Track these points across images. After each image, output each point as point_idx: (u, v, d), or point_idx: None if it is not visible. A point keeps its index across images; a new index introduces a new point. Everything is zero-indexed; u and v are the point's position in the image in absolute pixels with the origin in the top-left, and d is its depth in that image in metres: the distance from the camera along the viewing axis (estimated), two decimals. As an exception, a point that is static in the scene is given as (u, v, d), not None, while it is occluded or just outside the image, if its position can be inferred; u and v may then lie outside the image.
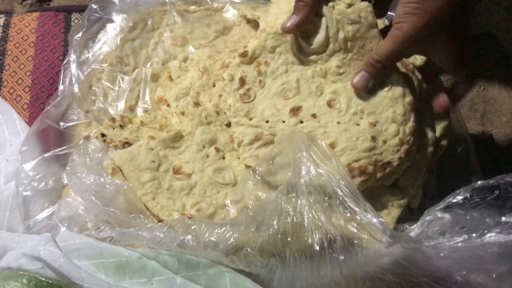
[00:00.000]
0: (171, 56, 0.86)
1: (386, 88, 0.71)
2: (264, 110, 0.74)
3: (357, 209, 0.57)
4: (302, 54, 0.74)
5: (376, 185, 0.72)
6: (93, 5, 0.86)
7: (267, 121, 0.73)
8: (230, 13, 0.90)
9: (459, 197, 0.59)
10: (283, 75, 0.74)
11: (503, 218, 0.56)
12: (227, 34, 0.87)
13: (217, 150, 0.76)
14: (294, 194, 0.59)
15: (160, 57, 0.86)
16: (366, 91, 0.71)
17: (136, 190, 0.71)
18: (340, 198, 0.58)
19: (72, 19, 1.00)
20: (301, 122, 0.72)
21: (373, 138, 0.70)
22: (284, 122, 0.73)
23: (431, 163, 0.79)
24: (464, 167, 0.81)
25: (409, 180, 0.75)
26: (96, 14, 0.86)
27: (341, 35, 0.71)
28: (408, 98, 0.71)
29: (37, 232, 0.71)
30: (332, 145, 0.69)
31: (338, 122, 0.71)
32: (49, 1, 1.07)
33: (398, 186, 0.75)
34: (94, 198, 0.68)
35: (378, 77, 0.71)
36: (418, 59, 0.81)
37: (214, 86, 0.81)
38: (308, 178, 0.59)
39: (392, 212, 0.73)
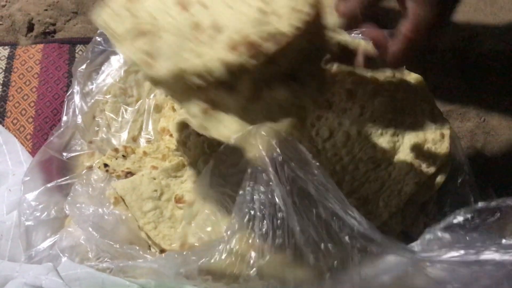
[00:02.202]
0: (174, 87, 0.87)
1: None
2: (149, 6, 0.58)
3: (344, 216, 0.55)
4: None
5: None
6: (97, 37, 0.88)
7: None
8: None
9: (460, 218, 0.58)
10: None
11: (504, 241, 0.55)
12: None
13: (219, 179, 0.76)
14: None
15: (163, 89, 0.87)
16: None
17: (138, 219, 0.71)
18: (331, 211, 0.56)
19: (77, 51, 1.01)
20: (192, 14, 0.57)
21: (261, 11, 0.55)
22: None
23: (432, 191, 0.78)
24: (464, 198, 0.81)
25: None
26: (100, 47, 0.88)
27: None
28: None
29: (38, 262, 0.70)
30: (219, 31, 0.55)
31: (229, 7, 0.57)
32: (53, 33, 1.09)
33: None
34: (91, 229, 0.68)
35: None
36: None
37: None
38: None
39: None
